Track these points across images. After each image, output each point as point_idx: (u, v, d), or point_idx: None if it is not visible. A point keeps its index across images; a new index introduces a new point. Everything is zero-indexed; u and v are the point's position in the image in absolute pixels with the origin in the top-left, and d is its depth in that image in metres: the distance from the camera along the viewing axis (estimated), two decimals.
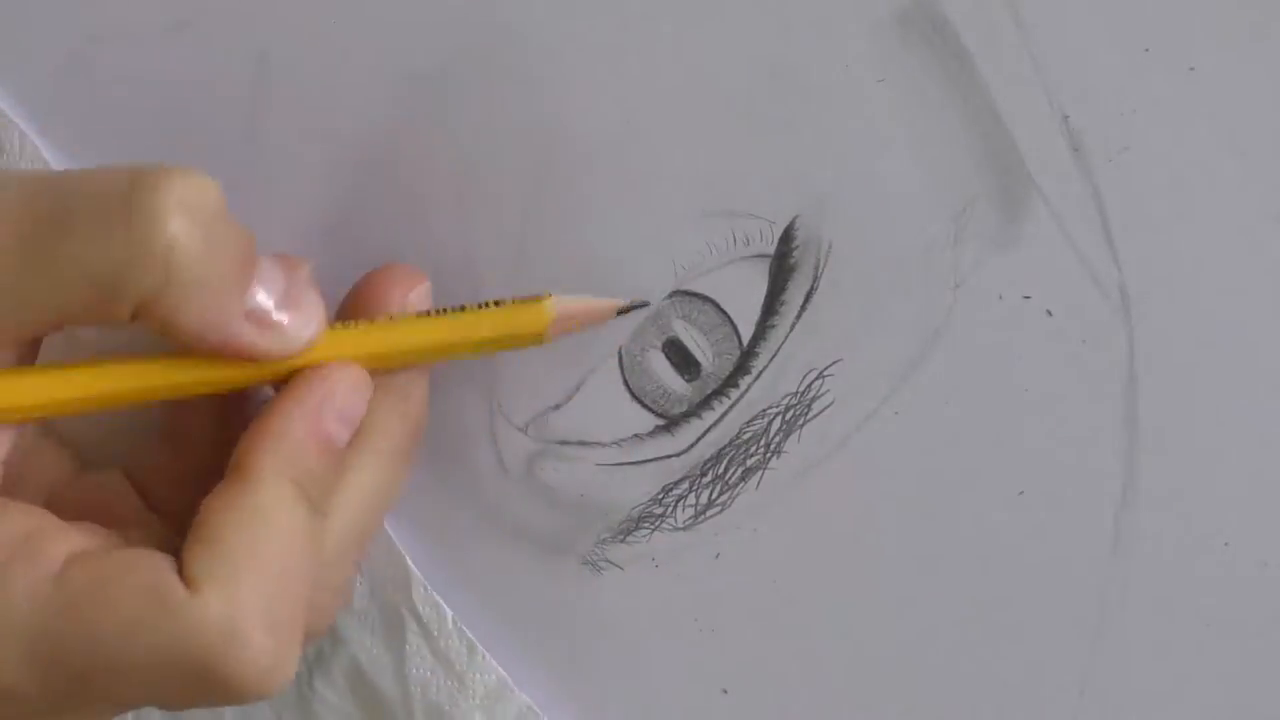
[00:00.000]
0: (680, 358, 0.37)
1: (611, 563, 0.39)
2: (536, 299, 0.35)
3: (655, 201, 0.36)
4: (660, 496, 0.38)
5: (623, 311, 0.36)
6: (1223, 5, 0.35)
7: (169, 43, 0.38)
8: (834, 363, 0.37)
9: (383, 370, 0.34)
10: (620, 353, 0.38)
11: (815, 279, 0.37)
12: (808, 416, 0.37)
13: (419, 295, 0.36)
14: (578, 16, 0.37)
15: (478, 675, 0.39)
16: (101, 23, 0.37)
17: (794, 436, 0.37)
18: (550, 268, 0.38)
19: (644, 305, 0.37)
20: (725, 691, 0.39)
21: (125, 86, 0.37)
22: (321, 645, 0.40)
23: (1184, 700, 0.36)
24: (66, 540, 0.31)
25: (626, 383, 0.38)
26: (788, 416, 0.37)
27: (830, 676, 0.38)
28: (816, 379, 0.37)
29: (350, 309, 0.36)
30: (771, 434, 0.37)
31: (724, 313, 0.37)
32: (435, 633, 0.39)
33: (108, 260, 0.30)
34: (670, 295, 0.37)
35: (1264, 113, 0.35)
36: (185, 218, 0.30)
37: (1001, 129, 0.36)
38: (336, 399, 0.33)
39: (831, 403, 0.37)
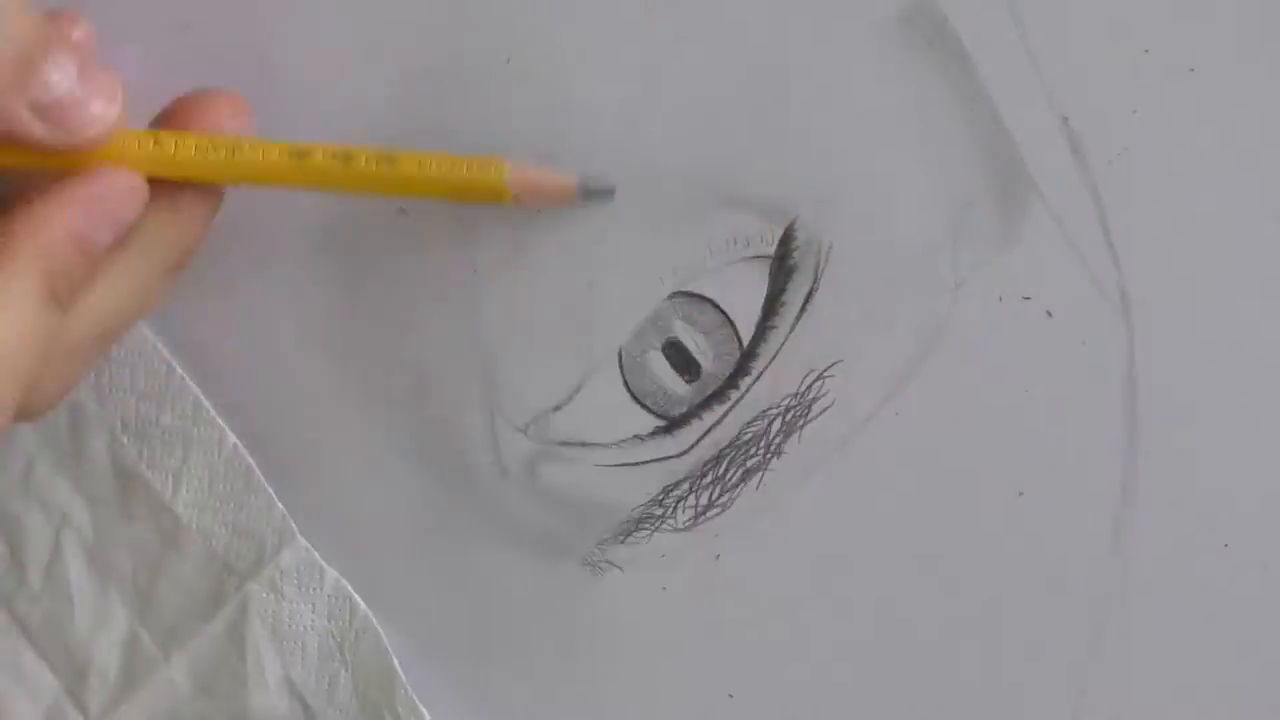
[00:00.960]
0: (680, 359, 0.37)
1: (612, 564, 0.39)
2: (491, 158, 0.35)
3: (655, 203, 0.36)
4: (660, 497, 0.38)
5: (585, 195, 0.36)
6: (1223, 5, 0.35)
7: (170, 43, 0.38)
8: (834, 363, 0.37)
9: (173, 182, 0.35)
10: (620, 353, 0.38)
11: (815, 280, 0.37)
12: (808, 417, 0.37)
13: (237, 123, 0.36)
14: (578, 17, 0.37)
15: None
16: (104, 24, 0.37)
17: (794, 437, 0.37)
18: (549, 267, 0.38)
19: (608, 191, 0.36)
20: (731, 696, 0.39)
21: (128, 85, 0.37)
22: None
23: (1184, 700, 0.36)
24: None
25: (626, 384, 0.38)
26: (788, 417, 0.37)
27: (831, 677, 0.38)
28: (816, 380, 0.37)
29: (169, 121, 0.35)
30: (771, 435, 0.37)
31: (724, 314, 0.37)
32: None
33: None
34: (670, 296, 0.37)
35: (1264, 113, 0.35)
36: None
37: (1001, 129, 0.36)
38: (105, 203, 0.33)
39: (832, 404, 0.37)
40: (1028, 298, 0.36)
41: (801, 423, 0.37)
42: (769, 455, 0.37)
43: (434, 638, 0.40)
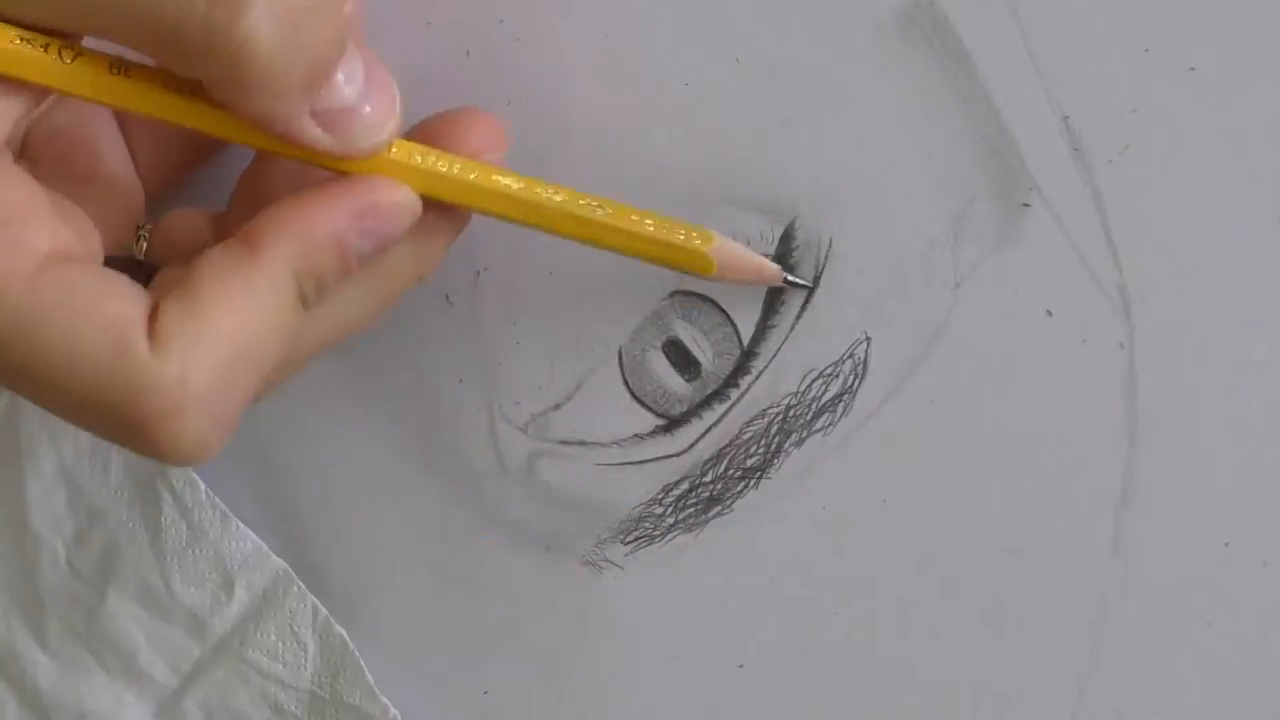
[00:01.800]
0: (680, 358, 0.37)
1: (612, 563, 0.39)
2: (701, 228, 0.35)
3: (655, 203, 0.36)
4: (660, 496, 0.38)
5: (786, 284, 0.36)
6: (1223, 5, 0.35)
7: None
8: (834, 363, 0.37)
9: (438, 204, 0.33)
10: (620, 352, 0.38)
11: (815, 279, 0.37)
12: (808, 416, 0.37)
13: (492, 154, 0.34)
14: (578, 17, 0.37)
15: (233, 544, 0.39)
16: None
17: (794, 436, 0.37)
18: (550, 268, 0.38)
19: (807, 287, 0.37)
20: (728, 689, 0.39)
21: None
22: (79, 521, 0.40)
23: (1184, 700, 0.36)
24: (52, 233, 0.30)
25: (626, 383, 0.38)
26: (788, 416, 0.37)
27: (830, 677, 0.38)
28: (817, 379, 0.37)
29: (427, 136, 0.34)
30: (771, 434, 0.37)
31: (724, 312, 0.37)
32: (190, 505, 0.39)
33: (179, 30, 0.28)
34: (670, 295, 0.37)
35: (1264, 113, 0.35)
36: (268, 16, 0.28)
37: (1001, 129, 0.36)
38: (375, 215, 0.32)
39: (832, 403, 0.37)
40: (1028, 297, 0.36)
41: (801, 422, 0.37)
42: (769, 454, 0.37)
43: (433, 637, 0.40)
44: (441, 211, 0.34)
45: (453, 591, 0.39)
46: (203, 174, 0.38)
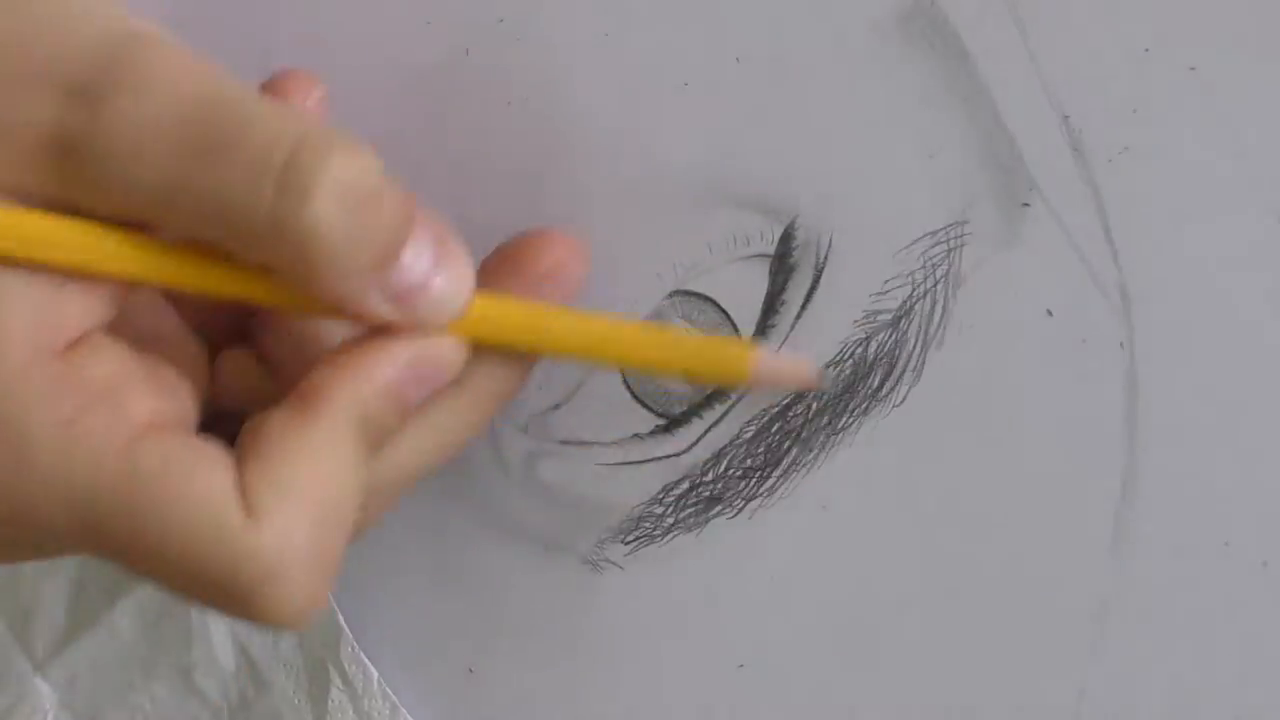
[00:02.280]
0: None
1: (612, 562, 0.38)
2: (737, 339, 0.35)
3: (655, 202, 0.36)
4: (661, 496, 0.38)
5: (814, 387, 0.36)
6: (1223, 5, 0.35)
7: None
8: (834, 363, 0.37)
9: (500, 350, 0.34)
10: None
11: (815, 279, 0.37)
12: (808, 416, 0.37)
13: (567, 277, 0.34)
14: (578, 17, 0.37)
15: None
16: None
17: (794, 436, 0.37)
18: None
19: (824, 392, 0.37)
20: (728, 689, 0.39)
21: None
22: (244, 687, 0.40)
23: (1184, 700, 0.36)
24: (148, 399, 0.30)
25: (627, 382, 0.38)
26: (788, 416, 0.37)
27: (830, 677, 0.38)
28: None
29: (495, 269, 0.34)
30: (771, 434, 0.37)
31: (724, 312, 0.37)
32: (360, 692, 0.39)
33: (247, 218, 0.29)
34: (670, 295, 0.37)
35: (1264, 113, 0.35)
36: (334, 202, 0.29)
37: (1001, 129, 0.36)
38: (426, 365, 0.32)
39: (831, 402, 0.37)
40: (1028, 297, 0.36)
41: (801, 421, 0.37)
42: (769, 454, 0.37)
43: (433, 636, 0.40)
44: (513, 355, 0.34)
45: (453, 591, 0.39)
46: None
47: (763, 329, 0.37)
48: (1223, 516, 0.36)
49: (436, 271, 0.31)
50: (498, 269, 0.34)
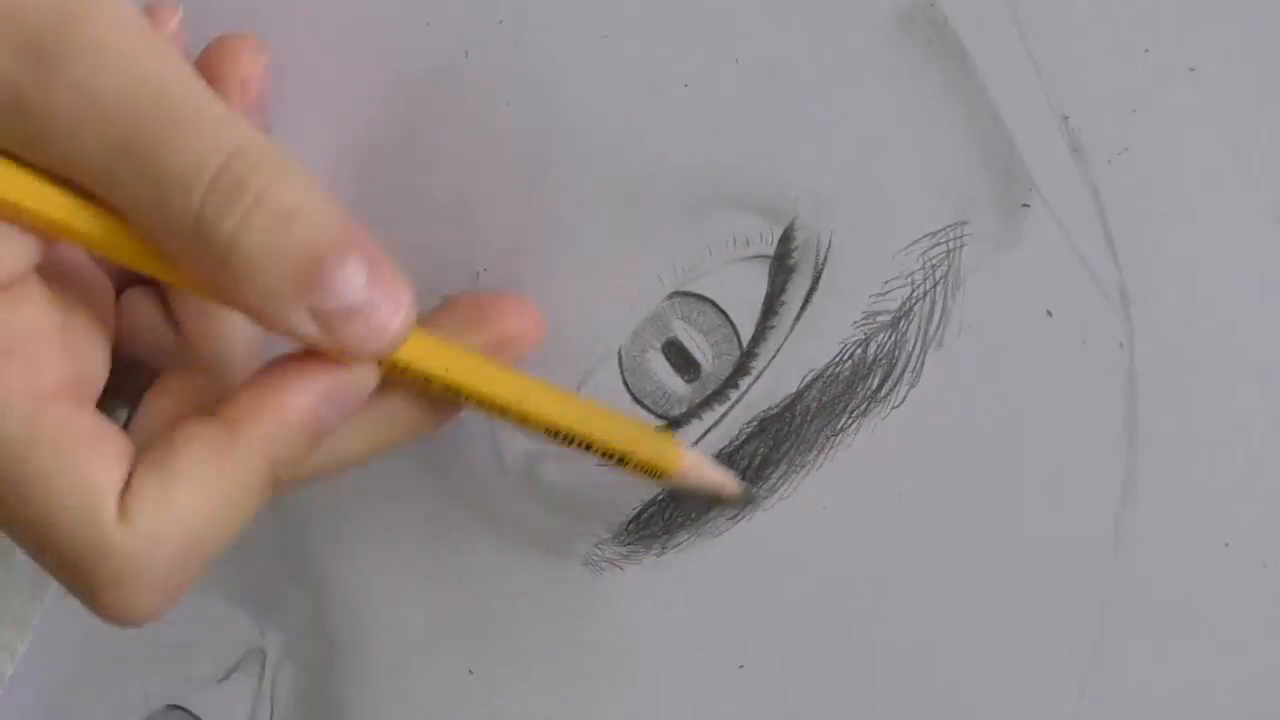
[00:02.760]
0: (680, 359, 0.37)
1: (612, 563, 0.39)
2: (666, 436, 0.36)
3: (655, 202, 0.36)
4: (660, 497, 0.38)
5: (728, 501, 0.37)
6: (1223, 5, 0.35)
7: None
8: (834, 364, 0.37)
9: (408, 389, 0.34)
10: (620, 353, 0.38)
11: (815, 280, 0.37)
12: (807, 417, 0.37)
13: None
14: (578, 18, 0.37)
15: None
16: None
17: (794, 437, 0.37)
18: (548, 268, 0.38)
19: (745, 504, 0.37)
20: (728, 690, 0.39)
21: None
22: None
23: (1184, 700, 0.36)
24: (62, 360, 0.31)
25: (626, 383, 0.38)
26: (787, 417, 0.37)
27: (830, 677, 0.38)
28: (816, 380, 0.37)
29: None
30: (771, 435, 0.37)
31: (724, 313, 0.37)
32: None
33: (171, 221, 0.29)
34: (670, 296, 0.37)
35: (1264, 113, 0.35)
36: (258, 221, 0.29)
37: (1001, 129, 0.36)
38: (342, 395, 0.32)
39: (831, 403, 0.37)
40: (1028, 297, 0.36)
41: (800, 422, 0.37)
42: (768, 455, 0.37)
43: (433, 636, 0.40)
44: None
45: (453, 591, 0.39)
46: None
47: (762, 330, 0.37)
48: (1223, 517, 0.36)
49: (370, 300, 0.31)
50: (462, 320, 0.35)
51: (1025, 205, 0.36)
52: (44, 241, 0.31)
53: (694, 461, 0.35)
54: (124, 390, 0.36)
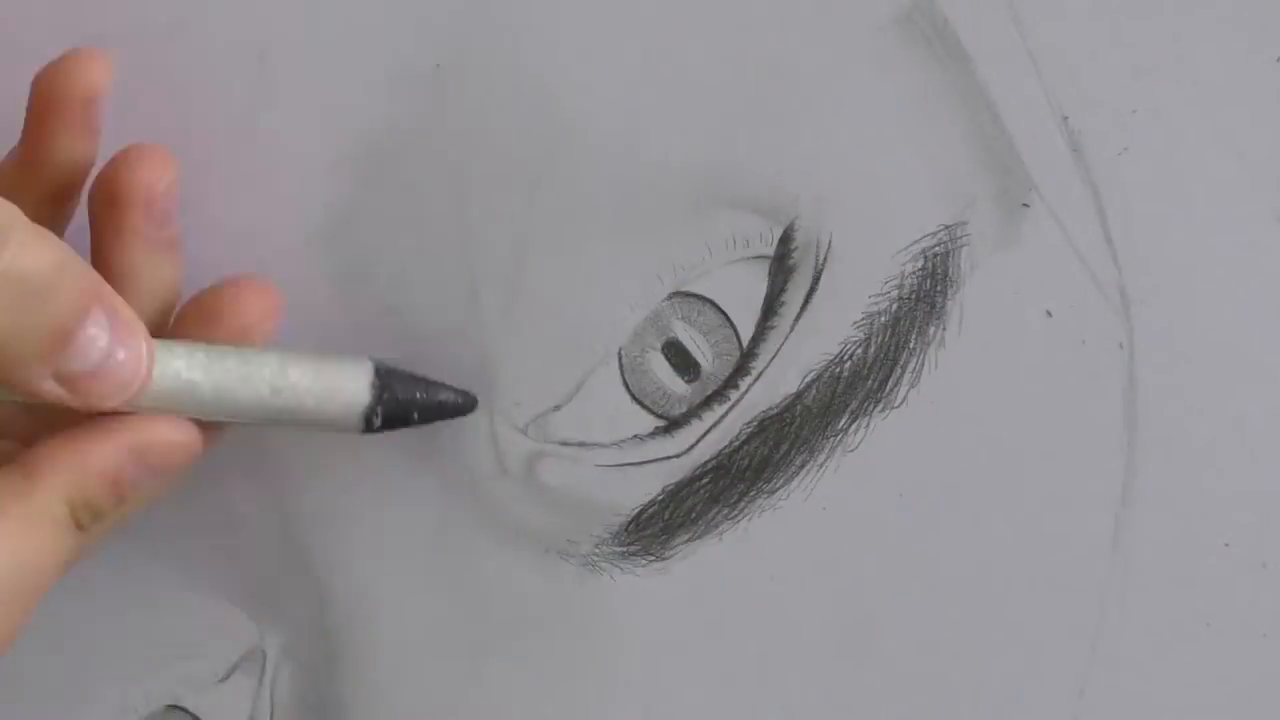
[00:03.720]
0: (680, 359, 0.37)
1: (612, 564, 0.39)
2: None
3: (655, 203, 0.36)
4: (660, 497, 0.38)
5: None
6: (1223, 5, 0.35)
7: (169, 42, 0.38)
8: (833, 364, 0.37)
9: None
10: (620, 354, 0.38)
11: (815, 280, 0.37)
12: (807, 417, 0.37)
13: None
14: (577, 18, 0.37)
15: None
16: (102, 22, 0.37)
17: (793, 437, 0.37)
18: (549, 268, 0.38)
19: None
20: (728, 690, 0.39)
21: (126, 86, 0.37)
22: None
23: (1184, 701, 0.36)
24: None
25: (626, 384, 0.38)
26: (787, 417, 0.37)
27: (830, 678, 0.38)
28: (816, 380, 0.37)
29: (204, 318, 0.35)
30: (771, 435, 0.37)
31: (723, 314, 0.37)
32: None
33: None
34: (670, 296, 0.37)
35: (1264, 113, 0.35)
36: (7, 294, 0.29)
37: (1001, 129, 0.36)
38: (154, 455, 0.33)
39: (831, 403, 0.37)
40: (1028, 297, 0.36)
41: (800, 422, 0.37)
42: (768, 455, 0.37)
43: (433, 636, 0.40)
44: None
45: (452, 591, 0.39)
46: None
47: (762, 330, 0.37)
48: (1223, 517, 0.36)
49: (112, 354, 0.31)
50: (199, 321, 0.35)
51: (1025, 205, 0.36)
52: None
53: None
54: None
